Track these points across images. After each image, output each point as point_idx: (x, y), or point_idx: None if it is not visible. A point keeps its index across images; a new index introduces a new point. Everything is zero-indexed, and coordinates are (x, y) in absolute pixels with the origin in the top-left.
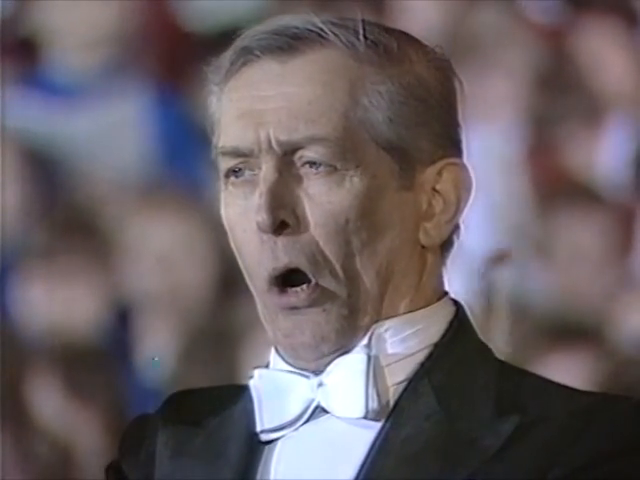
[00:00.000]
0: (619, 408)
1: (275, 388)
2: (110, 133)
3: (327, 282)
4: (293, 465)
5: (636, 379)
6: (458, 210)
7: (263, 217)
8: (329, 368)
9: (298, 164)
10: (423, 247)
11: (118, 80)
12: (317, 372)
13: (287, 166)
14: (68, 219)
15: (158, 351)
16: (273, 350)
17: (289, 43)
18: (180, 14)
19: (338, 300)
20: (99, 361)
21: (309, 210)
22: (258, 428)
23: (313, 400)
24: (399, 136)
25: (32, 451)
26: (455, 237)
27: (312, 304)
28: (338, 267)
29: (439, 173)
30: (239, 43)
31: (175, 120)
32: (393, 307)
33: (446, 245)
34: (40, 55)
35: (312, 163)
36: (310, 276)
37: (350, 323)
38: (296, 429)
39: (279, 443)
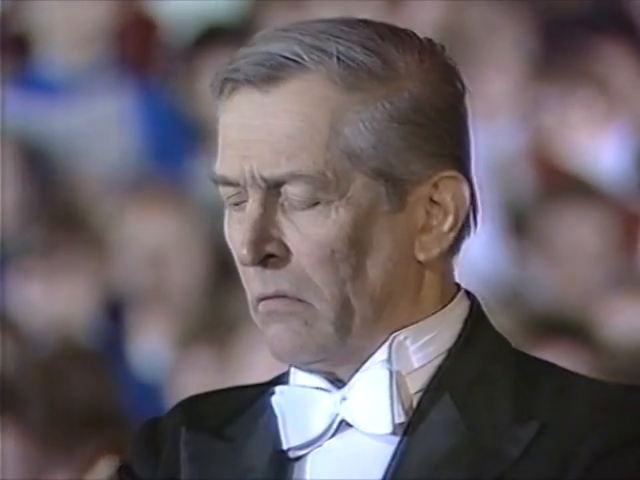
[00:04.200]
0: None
1: (298, 404)
2: (100, 129)
3: (314, 302)
4: None
5: (630, 374)
6: (458, 220)
7: (244, 254)
8: (351, 382)
9: (283, 196)
10: (420, 263)
11: (107, 76)
12: (338, 385)
13: (273, 198)
14: (59, 215)
15: (152, 346)
16: None
17: (269, 74)
18: (166, 11)
19: (323, 318)
20: (93, 356)
21: (295, 240)
22: (284, 446)
23: (337, 415)
24: (385, 163)
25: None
26: (466, 236)
27: (293, 313)
28: (327, 293)
29: (435, 185)
30: (224, 71)
31: (164, 115)
32: (391, 325)
33: (455, 248)
34: (30, 52)
35: (296, 196)
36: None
37: (336, 341)
38: (320, 445)
39: (309, 459)
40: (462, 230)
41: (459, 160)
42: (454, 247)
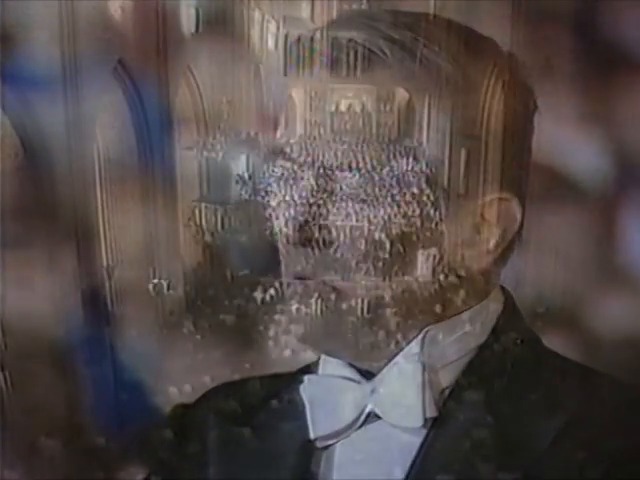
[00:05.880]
0: None
1: (326, 394)
2: (90, 122)
3: (347, 291)
4: (354, 471)
5: (611, 365)
6: (504, 239)
7: (288, 233)
8: (382, 374)
9: (334, 182)
10: (459, 277)
11: (96, 70)
12: (367, 376)
13: (323, 180)
14: (45, 209)
15: (137, 341)
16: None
17: (349, 62)
18: (160, 3)
19: (353, 308)
20: (74, 352)
21: (341, 228)
22: (312, 435)
23: (366, 406)
24: (441, 174)
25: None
26: (515, 250)
27: (323, 299)
28: (362, 284)
29: (490, 204)
30: (302, 48)
31: (154, 110)
32: (422, 321)
33: (501, 261)
34: (16, 48)
35: (344, 188)
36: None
37: (364, 332)
38: (348, 435)
39: (337, 449)
40: (510, 245)
41: (516, 179)
42: (500, 261)
